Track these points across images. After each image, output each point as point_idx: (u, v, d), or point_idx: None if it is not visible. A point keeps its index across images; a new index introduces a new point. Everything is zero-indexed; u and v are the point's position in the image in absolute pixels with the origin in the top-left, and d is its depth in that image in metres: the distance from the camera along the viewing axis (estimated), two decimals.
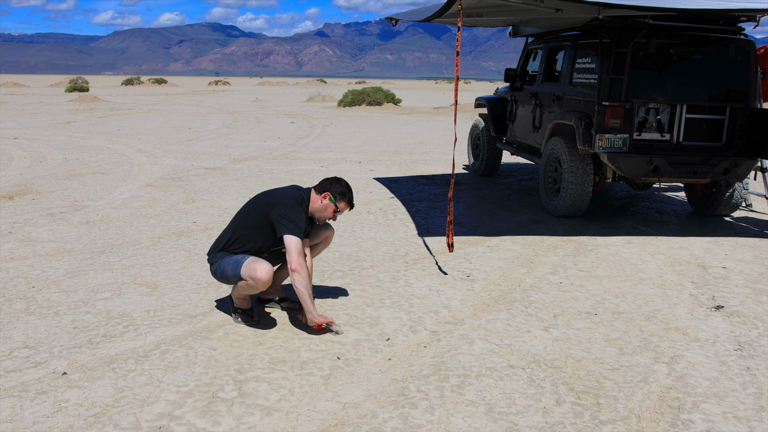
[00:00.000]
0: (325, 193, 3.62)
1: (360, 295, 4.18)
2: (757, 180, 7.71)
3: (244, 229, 3.61)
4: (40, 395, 2.80)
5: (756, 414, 2.81)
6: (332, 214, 3.67)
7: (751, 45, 6.11)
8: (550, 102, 7.07)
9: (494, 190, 8.20)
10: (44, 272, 4.50)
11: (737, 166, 6.01)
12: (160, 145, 12.07)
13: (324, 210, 3.64)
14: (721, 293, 4.43)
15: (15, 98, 28.61)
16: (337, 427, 2.61)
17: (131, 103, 26.12)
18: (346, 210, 3.72)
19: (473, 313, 3.93)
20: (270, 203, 3.56)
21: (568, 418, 2.73)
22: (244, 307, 3.69)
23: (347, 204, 3.69)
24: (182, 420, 2.64)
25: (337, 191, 3.64)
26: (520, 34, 8.31)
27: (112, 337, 3.42)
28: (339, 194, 3.64)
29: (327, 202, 3.62)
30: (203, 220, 6.16)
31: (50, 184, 7.92)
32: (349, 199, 3.68)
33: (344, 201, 3.67)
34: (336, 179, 3.69)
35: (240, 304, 3.68)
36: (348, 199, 3.68)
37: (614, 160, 5.92)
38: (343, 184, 3.68)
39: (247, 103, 27.75)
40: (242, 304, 3.69)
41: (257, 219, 3.58)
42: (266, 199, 3.63)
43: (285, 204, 3.51)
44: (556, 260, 5.11)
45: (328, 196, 3.62)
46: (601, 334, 3.65)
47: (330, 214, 3.66)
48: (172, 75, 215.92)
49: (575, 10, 5.77)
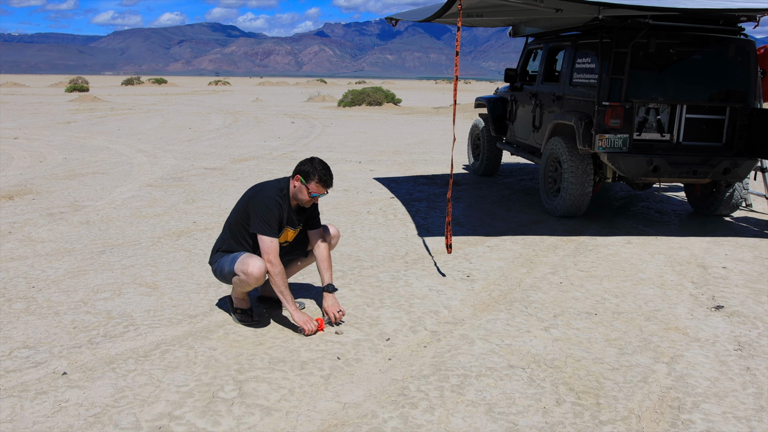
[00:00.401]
0: (296, 176, 3.55)
1: (360, 295, 4.18)
2: (757, 180, 7.71)
3: (234, 227, 3.63)
4: (40, 395, 2.80)
5: (756, 414, 2.81)
6: (308, 196, 3.54)
7: (751, 45, 6.11)
8: (550, 102, 7.07)
9: (494, 190, 8.20)
10: (44, 272, 4.50)
11: (737, 166, 6.01)
12: (160, 145, 12.07)
13: (299, 192, 3.55)
14: (721, 293, 4.43)
15: (15, 98, 28.61)
16: (337, 427, 2.61)
17: (131, 103, 26.12)
18: (324, 191, 3.56)
19: (473, 313, 3.93)
20: (249, 196, 3.60)
21: (568, 418, 2.73)
22: (243, 307, 3.69)
23: (318, 183, 3.52)
24: (182, 420, 2.64)
25: (305, 171, 3.52)
26: (520, 34, 8.31)
27: (112, 337, 3.42)
28: (305, 174, 3.51)
29: (299, 185, 3.54)
30: (203, 220, 6.16)
31: (50, 184, 7.92)
32: (319, 178, 3.51)
33: (313, 181, 3.51)
34: (309, 159, 3.58)
35: (239, 304, 3.68)
36: (318, 177, 3.51)
37: (614, 160, 5.92)
38: (315, 163, 3.55)
39: (247, 103, 27.75)
40: (241, 304, 3.69)
41: (241, 216, 3.60)
42: (247, 194, 3.65)
43: (257, 199, 3.52)
44: (556, 260, 5.11)
45: (299, 179, 3.54)
46: (601, 334, 3.65)
47: (306, 196, 3.53)
48: (172, 75, 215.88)
49: (575, 10, 5.77)
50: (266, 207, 3.47)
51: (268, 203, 3.49)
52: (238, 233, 3.63)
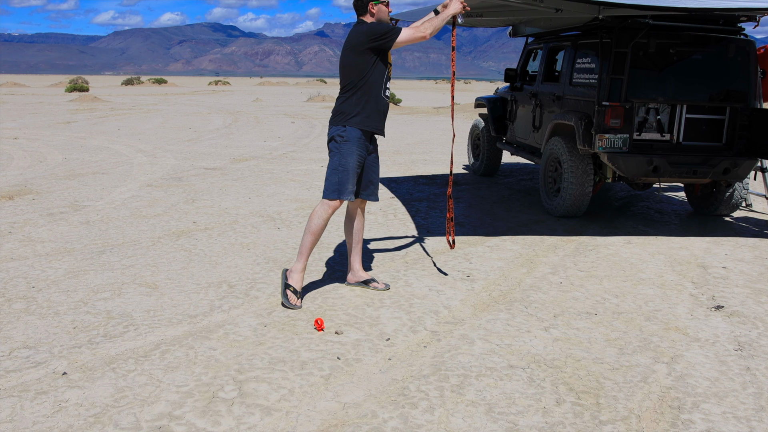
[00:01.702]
0: (370, 3, 3.92)
1: (360, 295, 4.18)
2: (757, 180, 7.71)
3: (349, 73, 3.98)
4: (40, 395, 2.80)
5: (756, 414, 2.81)
6: (389, 8, 4.01)
7: (751, 45, 6.11)
8: (550, 102, 7.08)
9: (494, 190, 8.20)
10: (44, 272, 4.50)
11: (737, 166, 6.01)
12: (160, 145, 12.07)
13: (381, 14, 3.96)
14: (721, 293, 4.43)
15: (15, 98, 28.60)
16: (337, 427, 2.61)
17: (131, 103, 26.12)
18: None
19: (473, 313, 3.93)
20: (355, 34, 3.95)
21: (568, 418, 2.73)
22: (296, 286, 3.93)
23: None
24: (182, 420, 2.64)
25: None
26: (520, 34, 8.31)
27: (112, 337, 3.42)
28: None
29: (378, 7, 3.94)
30: (203, 220, 6.16)
31: (50, 184, 7.92)
32: None
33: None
34: None
35: (294, 279, 3.94)
36: None
37: (614, 160, 5.92)
38: None
39: (247, 103, 27.75)
40: (296, 280, 3.94)
41: (356, 53, 3.91)
42: (351, 36, 3.97)
43: (367, 26, 3.91)
44: (556, 260, 5.11)
45: (372, 4, 3.92)
46: (601, 334, 3.65)
47: (386, 11, 3.98)
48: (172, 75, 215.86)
49: (575, 10, 5.77)
50: (377, 24, 3.90)
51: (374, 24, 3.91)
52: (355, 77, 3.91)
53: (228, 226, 5.94)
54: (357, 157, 3.94)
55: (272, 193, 7.58)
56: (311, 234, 3.92)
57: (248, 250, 5.13)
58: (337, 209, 3.96)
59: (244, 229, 5.87)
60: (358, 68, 3.87)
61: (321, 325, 3.58)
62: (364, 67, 3.86)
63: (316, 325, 3.59)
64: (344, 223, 4.31)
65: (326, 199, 3.92)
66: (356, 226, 4.24)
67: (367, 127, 3.96)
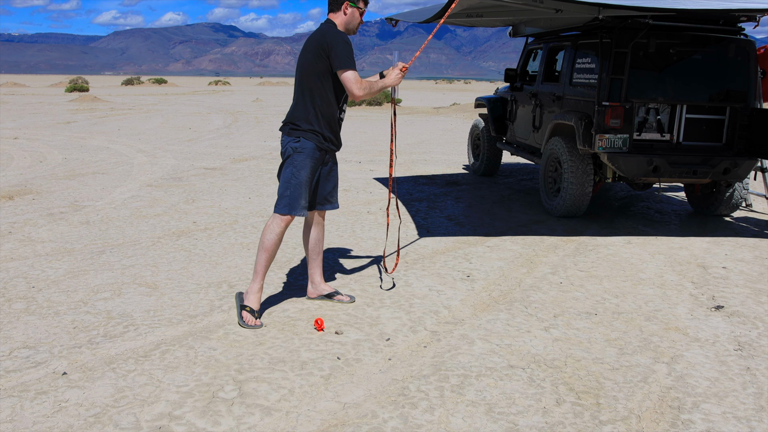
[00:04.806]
0: (345, 4, 3.61)
1: (360, 295, 4.18)
2: (757, 180, 7.71)
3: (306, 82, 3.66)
4: (40, 395, 2.80)
5: (756, 414, 2.81)
6: (360, 18, 3.69)
7: (751, 45, 6.11)
8: (550, 102, 7.08)
9: (494, 190, 8.20)
10: (44, 272, 4.50)
11: (737, 166, 6.01)
12: (160, 145, 12.07)
13: (352, 19, 3.65)
14: (721, 293, 4.43)
15: (15, 98, 28.60)
16: (337, 427, 2.61)
17: (131, 103, 26.12)
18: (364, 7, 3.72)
19: (473, 313, 3.93)
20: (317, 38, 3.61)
21: (568, 418, 2.73)
22: (254, 306, 3.66)
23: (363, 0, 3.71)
24: (182, 420, 2.64)
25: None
26: (520, 34, 8.31)
27: (112, 337, 3.42)
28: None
29: (351, 10, 3.64)
30: (203, 220, 6.16)
31: (50, 184, 7.92)
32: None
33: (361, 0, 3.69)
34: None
35: (250, 300, 3.67)
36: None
37: (614, 160, 5.92)
38: None
39: (247, 103, 27.75)
40: (252, 301, 3.66)
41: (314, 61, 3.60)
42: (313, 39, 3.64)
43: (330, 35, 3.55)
44: (556, 260, 5.11)
45: (348, 5, 3.62)
46: (601, 334, 3.65)
47: (359, 18, 3.68)
48: (172, 75, 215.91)
49: (575, 10, 5.77)
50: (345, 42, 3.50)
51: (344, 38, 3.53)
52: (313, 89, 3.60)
53: (228, 226, 5.94)
54: (310, 170, 3.65)
55: (272, 193, 7.58)
56: (265, 251, 3.63)
57: (248, 250, 5.13)
58: (290, 224, 3.69)
59: (244, 229, 5.87)
60: (317, 72, 3.58)
61: (321, 325, 3.58)
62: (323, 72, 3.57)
63: (316, 325, 3.59)
64: (303, 232, 4.03)
65: (277, 214, 3.65)
66: (314, 236, 3.95)
67: (321, 141, 3.69)
